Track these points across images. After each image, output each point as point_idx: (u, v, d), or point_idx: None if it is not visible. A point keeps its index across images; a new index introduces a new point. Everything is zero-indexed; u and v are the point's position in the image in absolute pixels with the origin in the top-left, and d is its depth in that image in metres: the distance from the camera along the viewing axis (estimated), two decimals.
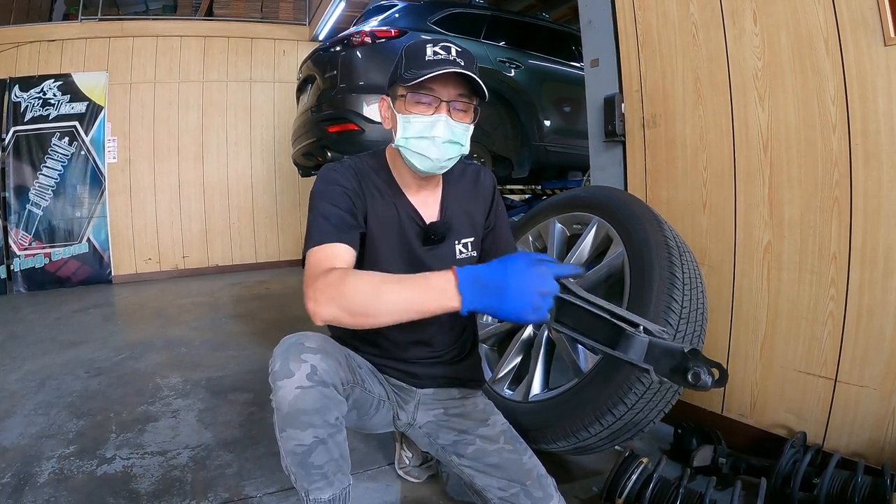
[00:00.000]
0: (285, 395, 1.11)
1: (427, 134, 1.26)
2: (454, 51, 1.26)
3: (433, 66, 1.22)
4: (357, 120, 3.56)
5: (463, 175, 1.51)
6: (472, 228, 1.49)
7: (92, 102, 6.36)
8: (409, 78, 1.23)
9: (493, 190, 1.55)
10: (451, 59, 1.24)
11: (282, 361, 1.13)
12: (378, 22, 4.04)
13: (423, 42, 1.27)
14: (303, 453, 1.13)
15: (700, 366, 0.95)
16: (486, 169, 1.58)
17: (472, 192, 1.51)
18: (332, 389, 1.15)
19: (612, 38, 2.24)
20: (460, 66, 1.23)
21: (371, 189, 1.37)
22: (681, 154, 2.01)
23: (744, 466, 1.64)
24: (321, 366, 1.13)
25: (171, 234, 6.82)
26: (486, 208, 1.53)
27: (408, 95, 1.26)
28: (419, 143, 1.28)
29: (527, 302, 0.98)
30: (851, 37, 1.54)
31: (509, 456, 1.39)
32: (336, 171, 1.36)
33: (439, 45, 1.26)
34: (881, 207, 1.50)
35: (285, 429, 1.13)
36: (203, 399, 2.51)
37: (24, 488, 1.72)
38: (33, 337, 3.86)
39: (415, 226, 1.41)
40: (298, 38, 7.28)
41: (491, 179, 1.56)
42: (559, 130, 4.39)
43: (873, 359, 1.53)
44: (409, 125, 1.28)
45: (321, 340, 1.18)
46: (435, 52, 1.24)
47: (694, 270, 1.64)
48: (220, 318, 4.28)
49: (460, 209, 1.48)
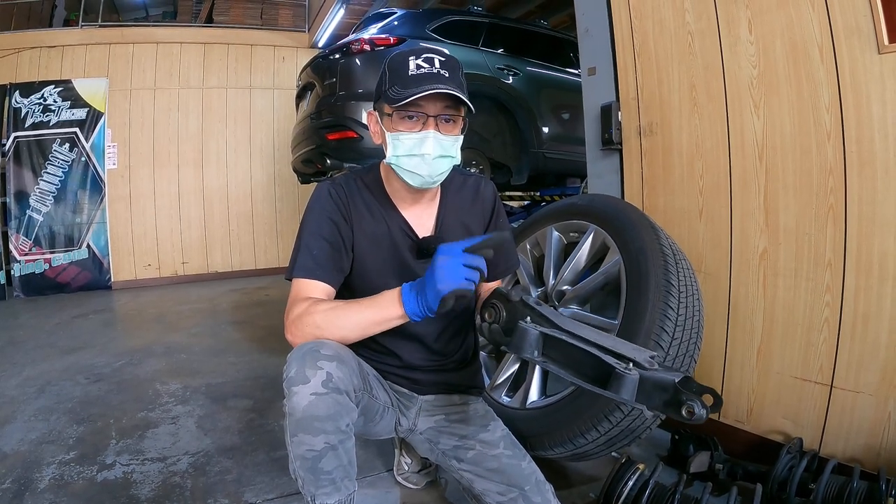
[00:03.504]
0: (300, 400, 1.11)
1: (417, 151, 1.27)
2: (437, 61, 1.25)
3: (418, 83, 1.21)
4: (356, 127, 3.57)
5: (463, 187, 1.50)
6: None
7: (92, 108, 6.39)
8: (394, 97, 1.22)
9: (494, 201, 1.54)
10: (434, 71, 1.23)
11: (298, 367, 1.13)
12: (377, 29, 4.06)
13: (405, 55, 1.26)
14: (313, 459, 1.13)
15: (693, 398, 0.94)
16: (487, 180, 1.57)
17: (471, 203, 1.50)
18: (346, 397, 1.17)
19: (609, 47, 2.26)
20: (444, 80, 1.22)
21: (361, 209, 1.39)
22: (677, 162, 2.03)
23: (740, 472, 1.65)
24: (337, 373, 1.14)
25: (170, 240, 6.84)
26: (486, 220, 1.52)
27: (394, 114, 1.26)
28: (410, 160, 1.28)
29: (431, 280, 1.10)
30: (846, 44, 1.56)
31: (508, 461, 1.39)
32: (324, 197, 1.38)
33: (422, 56, 1.25)
34: (876, 214, 1.52)
35: (297, 433, 1.13)
36: (203, 405, 2.51)
37: (25, 494, 1.73)
38: (33, 342, 3.86)
39: (408, 240, 1.42)
40: (298, 45, 7.32)
41: (492, 191, 1.54)
42: (557, 137, 4.41)
43: (869, 365, 1.55)
44: (398, 143, 1.28)
45: (337, 348, 1.19)
46: (418, 65, 1.23)
47: (690, 278, 1.66)
48: (220, 325, 4.29)
49: (457, 221, 1.47)
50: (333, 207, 1.37)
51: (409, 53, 1.26)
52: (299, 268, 1.31)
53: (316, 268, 1.30)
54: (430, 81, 1.21)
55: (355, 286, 1.41)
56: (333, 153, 3.80)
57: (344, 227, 1.37)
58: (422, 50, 1.27)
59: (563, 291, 1.89)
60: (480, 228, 1.51)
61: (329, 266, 1.32)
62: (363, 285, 1.38)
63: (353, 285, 1.41)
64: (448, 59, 1.27)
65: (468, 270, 1.10)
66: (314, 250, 1.31)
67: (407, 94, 1.20)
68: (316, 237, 1.33)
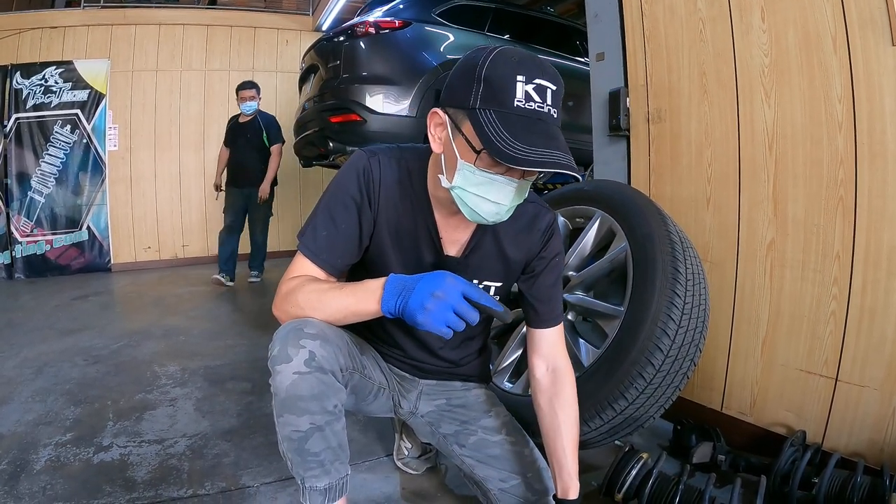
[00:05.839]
0: (283, 380, 1.09)
1: (492, 198, 1.07)
2: (550, 94, 1.03)
3: (527, 135, 0.99)
4: (360, 110, 3.55)
5: (519, 214, 1.23)
6: (503, 273, 1.34)
7: (93, 90, 6.35)
8: (490, 137, 1.00)
9: (548, 237, 1.34)
10: (545, 111, 1.03)
11: (280, 346, 1.10)
12: (382, 12, 4.02)
13: (512, 66, 1.01)
14: (299, 440, 1.12)
15: None
16: (550, 212, 1.36)
17: (520, 233, 1.32)
18: (331, 376, 1.13)
19: (619, 32, 2.23)
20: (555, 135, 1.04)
21: (393, 195, 1.24)
22: (685, 150, 2.00)
23: (743, 464, 1.64)
24: (320, 352, 1.11)
25: (170, 223, 6.81)
26: (533, 254, 1.34)
27: (482, 152, 1.03)
28: (479, 201, 1.08)
29: (418, 302, 1.00)
30: (859, 35, 1.53)
31: (510, 448, 1.38)
32: (355, 172, 1.23)
33: (533, 81, 1.01)
34: (886, 207, 1.49)
35: (282, 414, 1.12)
36: (201, 388, 2.50)
37: (21, 475, 1.71)
38: (31, 324, 3.85)
39: (433, 253, 1.29)
40: (301, 28, 7.25)
41: (547, 225, 1.34)
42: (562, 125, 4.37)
43: (874, 359, 1.53)
44: (471, 177, 1.07)
45: (321, 326, 1.14)
46: (528, 94, 1.01)
47: (697, 266, 1.64)
48: (219, 308, 4.28)
49: (495, 249, 1.31)
50: (359, 188, 1.22)
51: (516, 68, 1.01)
52: (304, 243, 1.22)
53: (318, 250, 1.21)
54: (544, 138, 1.01)
55: (368, 271, 1.31)
56: (336, 136, 3.78)
57: (365, 212, 1.23)
58: (532, 68, 1.02)
59: (569, 277, 1.87)
60: (524, 263, 1.35)
61: (331, 253, 1.22)
62: (375, 274, 1.21)
63: (367, 268, 1.31)
64: (559, 88, 1.05)
65: (455, 319, 0.99)
66: (322, 230, 1.22)
67: (514, 155, 0.98)
68: (328, 219, 1.22)
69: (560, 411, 1.29)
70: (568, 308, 1.86)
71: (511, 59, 1.02)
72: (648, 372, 1.48)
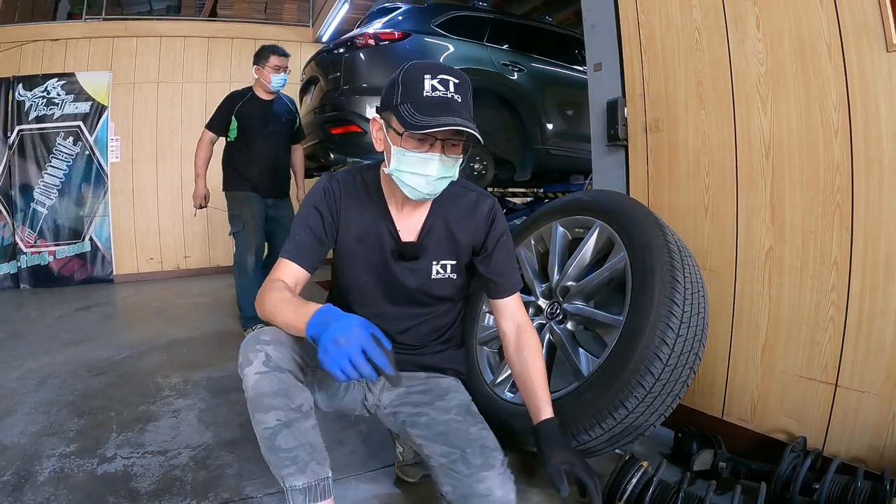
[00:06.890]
0: (248, 381, 1.24)
1: (420, 171, 1.31)
2: (452, 84, 1.28)
3: (434, 111, 1.24)
4: (360, 122, 3.57)
5: (461, 198, 1.51)
6: (454, 251, 1.52)
7: (95, 102, 6.37)
8: (408, 120, 1.24)
9: (491, 219, 1.52)
10: (449, 96, 1.27)
11: (243, 353, 1.28)
12: (382, 24, 4.05)
13: (420, 70, 1.28)
14: (269, 437, 1.21)
15: None
16: (489, 197, 1.56)
17: (464, 216, 1.50)
18: (289, 375, 1.26)
19: (616, 43, 2.25)
20: (458, 109, 1.26)
21: (352, 206, 1.48)
22: (683, 158, 2.02)
23: (744, 471, 1.64)
24: (274, 354, 1.26)
25: (172, 234, 6.81)
26: (481, 235, 1.51)
27: (404, 134, 1.28)
28: (412, 177, 1.32)
29: (324, 341, 1.10)
30: (854, 43, 1.54)
31: (456, 426, 1.38)
32: (319, 190, 1.48)
33: (438, 77, 1.27)
34: (882, 214, 1.51)
35: (254, 414, 1.24)
36: (204, 399, 2.51)
37: (25, 486, 1.72)
38: (35, 335, 3.86)
39: (392, 242, 1.48)
40: (302, 40, 7.27)
41: (489, 208, 1.52)
42: (561, 134, 4.40)
43: (874, 364, 1.54)
44: (402, 158, 1.31)
45: (276, 333, 1.31)
46: (433, 86, 1.27)
47: (695, 275, 1.65)
48: (221, 319, 4.28)
49: (445, 230, 1.50)
50: (323, 201, 1.47)
51: (424, 69, 1.29)
52: (285, 249, 1.44)
53: (295, 251, 1.43)
54: (446, 112, 1.24)
55: (338, 277, 1.55)
56: (337, 147, 3.80)
57: (329, 220, 1.46)
58: (437, 69, 1.30)
59: (568, 287, 1.88)
60: (470, 242, 1.52)
61: (306, 252, 1.43)
62: (342, 277, 1.53)
63: (336, 275, 1.56)
64: (461, 81, 1.30)
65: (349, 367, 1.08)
66: (297, 236, 1.44)
67: (422, 124, 1.23)
68: (303, 225, 1.45)
69: (525, 350, 1.49)
70: (567, 317, 1.87)
71: (420, 64, 1.31)
72: (648, 381, 1.49)
